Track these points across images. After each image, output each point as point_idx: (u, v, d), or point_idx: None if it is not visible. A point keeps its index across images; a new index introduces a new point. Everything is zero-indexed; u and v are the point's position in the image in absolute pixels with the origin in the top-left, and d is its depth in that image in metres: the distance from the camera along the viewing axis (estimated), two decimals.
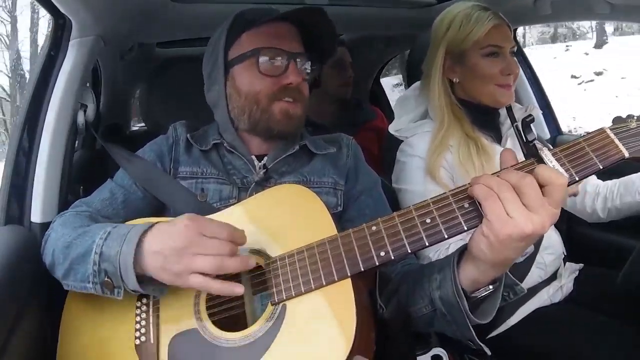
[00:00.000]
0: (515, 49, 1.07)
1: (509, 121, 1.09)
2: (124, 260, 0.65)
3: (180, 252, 0.62)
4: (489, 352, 0.63)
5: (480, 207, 0.56)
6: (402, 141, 1.10)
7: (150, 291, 0.68)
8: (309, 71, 0.87)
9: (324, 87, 1.69)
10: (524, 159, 0.61)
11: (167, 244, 0.63)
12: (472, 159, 0.99)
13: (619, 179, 1.12)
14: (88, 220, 0.78)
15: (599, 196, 1.14)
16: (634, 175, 1.09)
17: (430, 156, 1.01)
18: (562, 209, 1.12)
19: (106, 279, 0.67)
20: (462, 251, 0.64)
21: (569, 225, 1.34)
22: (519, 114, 1.07)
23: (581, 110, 8.73)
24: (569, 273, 1.14)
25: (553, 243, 1.10)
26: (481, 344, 0.64)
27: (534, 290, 1.05)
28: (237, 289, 0.62)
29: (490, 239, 0.55)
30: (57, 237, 0.76)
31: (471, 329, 0.63)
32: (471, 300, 0.63)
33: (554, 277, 1.10)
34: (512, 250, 0.55)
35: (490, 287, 0.63)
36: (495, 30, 1.02)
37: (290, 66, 0.83)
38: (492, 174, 0.57)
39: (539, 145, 0.60)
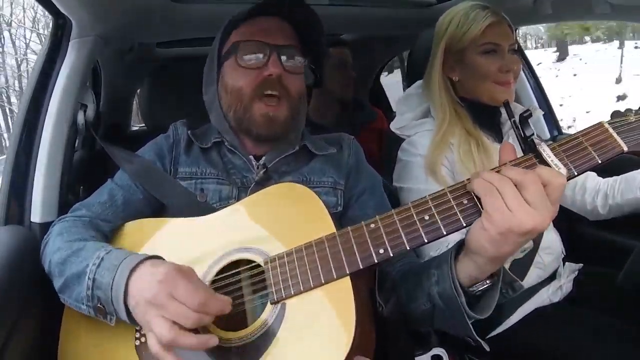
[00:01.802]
0: (516, 46, 1.07)
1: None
2: (115, 292, 0.65)
3: (147, 306, 0.61)
4: (487, 349, 0.63)
5: (480, 201, 0.56)
6: (403, 139, 1.10)
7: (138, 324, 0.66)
8: (295, 64, 0.85)
9: (325, 87, 1.69)
10: (522, 154, 0.61)
11: (143, 292, 0.62)
12: (473, 156, 0.99)
13: (620, 175, 1.11)
14: (86, 229, 0.78)
15: (600, 193, 1.13)
16: (635, 172, 1.08)
17: (432, 154, 1.01)
18: (563, 208, 1.12)
19: (99, 305, 0.67)
20: (460, 246, 0.63)
21: (569, 225, 1.34)
22: (513, 111, 1.07)
23: None
24: (569, 273, 1.14)
25: (552, 243, 1.09)
26: (480, 340, 0.64)
27: (533, 290, 1.05)
28: None
29: (490, 232, 0.55)
30: (53, 249, 0.76)
31: (469, 324, 0.62)
32: (469, 294, 0.63)
33: (553, 276, 1.10)
34: (512, 244, 0.55)
35: (488, 282, 0.63)
36: (493, 27, 1.01)
37: (271, 58, 0.81)
38: (492, 169, 0.58)
39: (537, 140, 0.59)
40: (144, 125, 1.76)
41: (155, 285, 0.61)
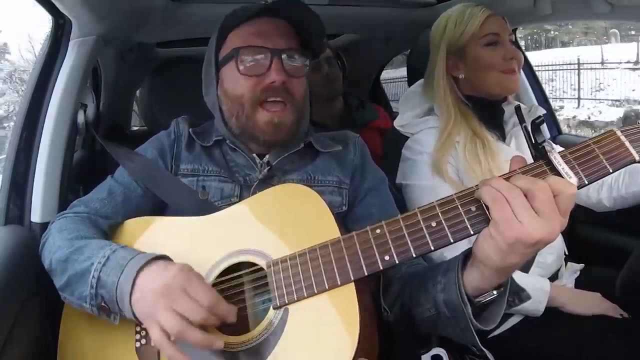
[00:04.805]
0: (514, 38, 1.08)
1: (513, 120, 1.09)
2: (120, 291, 0.65)
3: (156, 297, 0.61)
4: (491, 358, 0.62)
5: (488, 210, 0.54)
6: (406, 137, 1.10)
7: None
8: (297, 67, 0.82)
9: (312, 91, 1.67)
10: (532, 160, 0.60)
11: (152, 285, 0.63)
12: (479, 156, 0.99)
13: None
14: (86, 226, 0.78)
15: (604, 185, 1.12)
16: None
17: (437, 152, 1.01)
18: None
19: (103, 304, 0.67)
20: (467, 255, 0.62)
21: (571, 225, 1.33)
22: (524, 115, 1.07)
23: None
24: (570, 273, 1.14)
25: (554, 243, 1.08)
26: (484, 349, 0.63)
27: None
28: None
29: (498, 242, 0.53)
30: (53, 247, 0.75)
31: (474, 333, 0.61)
32: (475, 305, 0.62)
33: (555, 276, 1.10)
34: (519, 255, 0.54)
35: (495, 292, 0.61)
36: (490, 20, 1.04)
37: (273, 64, 0.78)
38: (501, 176, 0.56)
39: (548, 147, 0.58)
40: (144, 125, 1.76)
41: (169, 278, 0.62)
